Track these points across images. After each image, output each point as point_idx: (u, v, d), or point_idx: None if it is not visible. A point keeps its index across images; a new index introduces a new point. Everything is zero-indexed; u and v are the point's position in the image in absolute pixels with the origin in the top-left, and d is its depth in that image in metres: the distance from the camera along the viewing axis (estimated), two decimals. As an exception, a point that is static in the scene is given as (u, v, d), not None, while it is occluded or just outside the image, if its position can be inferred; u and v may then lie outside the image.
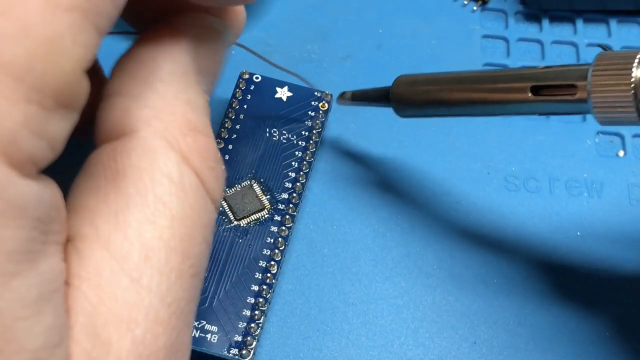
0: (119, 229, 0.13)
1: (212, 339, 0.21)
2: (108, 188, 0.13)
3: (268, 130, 0.25)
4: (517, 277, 0.24)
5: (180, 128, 0.14)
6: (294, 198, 0.24)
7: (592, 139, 0.27)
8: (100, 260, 0.12)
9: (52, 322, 0.11)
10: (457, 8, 0.30)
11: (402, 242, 0.24)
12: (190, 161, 0.14)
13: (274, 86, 0.26)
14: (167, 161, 0.13)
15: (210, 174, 0.14)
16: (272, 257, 0.22)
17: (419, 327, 0.23)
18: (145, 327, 0.12)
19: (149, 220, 0.13)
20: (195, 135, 0.14)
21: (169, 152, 0.13)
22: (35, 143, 0.10)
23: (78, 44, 0.10)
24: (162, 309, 0.13)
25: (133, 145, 0.13)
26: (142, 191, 0.13)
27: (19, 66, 0.10)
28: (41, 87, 0.10)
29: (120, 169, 0.13)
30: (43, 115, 0.10)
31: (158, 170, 0.13)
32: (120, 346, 0.12)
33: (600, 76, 0.17)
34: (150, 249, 0.13)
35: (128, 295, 0.12)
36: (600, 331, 0.23)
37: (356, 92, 0.24)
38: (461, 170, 0.26)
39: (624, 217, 0.25)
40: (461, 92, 0.20)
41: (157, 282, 0.13)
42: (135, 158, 0.13)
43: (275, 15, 0.29)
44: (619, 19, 0.30)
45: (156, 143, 0.13)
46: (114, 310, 0.12)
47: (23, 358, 0.10)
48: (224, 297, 0.22)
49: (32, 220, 0.10)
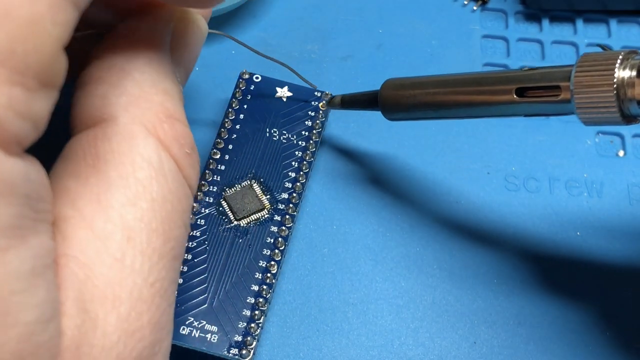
0: (101, 211, 0.13)
1: (212, 338, 0.21)
2: (89, 172, 0.13)
3: (268, 130, 0.25)
4: (517, 277, 0.24)
5: (157, 115, 0.14)
6: (294, 198, 0.24)
7: (592, 139, 0.27)
8: (85, 240, 0.12)
9: (45, 296, 0.11)
10: (457, 8, 0.30)
11: (402, 242, 0.24)
12: (168, 147, 0.14)
13: (274, 86, 0.25)
14: (146, 146, 0.14)
15: (187, 160, 0.14)
16: (272, 257, 0.22)
17: (419, 327, 0.23)
18: (130, 304, 0.13)
19: (130, 202, 0.13)
20: (172, 123, 0.14)
21: (147, 137, 0.14)
22: (19, 124, 0.10)
23: (57, 23, 0.11)
24: (145, 288, 0.13)
25: (113, 131, 0.14)
26: (123, 175, 0.13)
27: (1, 50, 0.10)
28: (23, 69, 0.10)
29: (100, 153, 0.13)
30: (26, 96, 0.10)
31: (138, 154, 0.13)
32: (106, 322, 0.12)
33: (583, 77, 0.17)
34: (132, 230, 0.13)
35: (112, 274, 0.12)
36: (601, 331, 0.23)
37: (345, 96, 0.24)
38: (461, 170, 0.26)
39: (624, 217, 0.25)
40: (447, 95, 0.21)
41: (139, 262, 0.13)
42: (115, 143, 0.13)
43: (275, 15, 0.29)
44: (619, 19, 0.30)
45: (135, 129, 0.14)
46: (100, 288, 0.12)
47: (18, 331, 0.10)
48: (224, 297, 0.22)
49: (21, 196, 0.11)
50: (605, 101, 0.17)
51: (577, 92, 0.17)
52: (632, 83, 0.16)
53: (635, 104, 0.17)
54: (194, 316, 0.21)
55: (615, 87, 0.16)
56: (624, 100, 0.17)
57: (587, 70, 0.17)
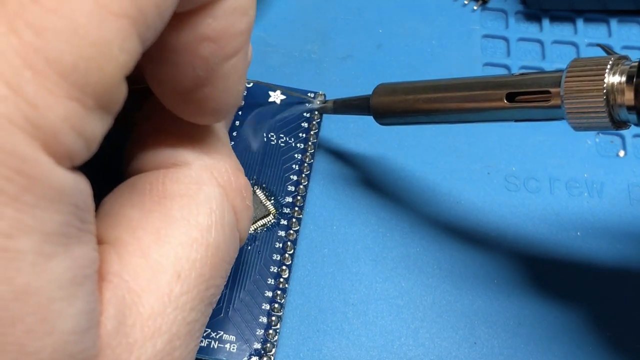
0: (159, 244, 0.13)
1: (232, 348, 0.21)
2: (154, 206, 0.14)
3: (265, 134, 0.25)
4: (517, 277, 0.24)
5: (226, 167, 0.15)
6: (298, 201, 0.23)
7: (592, 139, 0.27)
8: (138, 268, 0.13)
9: (82, 307, 0.11)
10: (457, 8, 0.30)
11: (402, 242, 0.24)
12: (232, 199, 0.15)
13: (266, 90, 0.25)
14: (212, 194, 0.14)
15: (245, 213, 0.15)
16: (282, 262, 0.22)
17: (419, 327, 0.23)
18: (167, 338, 0.13)
19: (187, 243, 0.14)
20: (238, 175, 0.15)
21: (215, 186, 0.15)
22: (73, 139, 0.11)
23: (124, 50, 0.11)
24: (182, 326, 0.13)
25: (184, 174, 0.14)
26: (186, 216, 0.14)
27: (66, 63, 0.10)
28: (84, 86, 0.10)
29: (168, 192, 0.14)
30: (83, 113, 0.10)
31: (203, 201, 0.14)
32: (142, 349, 0.13)
33: (573, 82, 0.17)
34: (183, 270, 0.14)
35: (157, 306, 0.13)
36: (601, 331, 0.23)
37: (337, 101, 0.24)
38: (461, 170, 0.26)
39: (624, 217, 0.25)
40: (438, 101, 0.21)
41: (183, 301, 0.13)
42: (184, 186, 0.14)
43: (275, 15, 0.29)
44: (619, 19, 0.30)
45: (205, 176, 0.14)
46: (144, 316, 0.13)
47: (54, 339, 0.11)
48: (239, 306, 0.22)
49: (69, 205, 0.11)
50: (595, 107, 0.17)
51: (567, 98, 0.17)
52: (622, 89, 0.16)
53: (625, 110, 0.17)
54: (211, 327, 0.21)
55: (605, 93, 0.16)
56: (614, 105, 0.17)
57: (577, 76, 0.17)
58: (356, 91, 0.27)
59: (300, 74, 0.28)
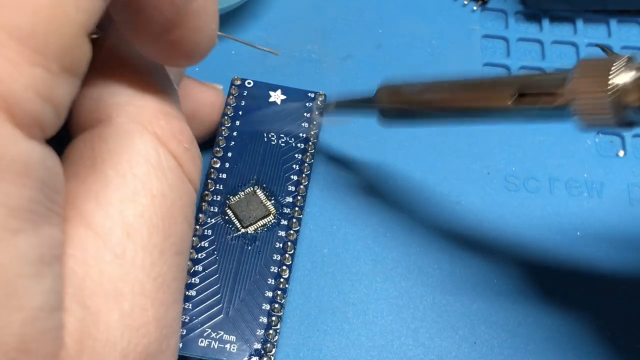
0: (100, 209, 0.13)
1: (232, 348, 0.21)
2: (87, 172, 0.13)
3: (265, 134, 0.25)
4: (517, 277, 0.24)
5: (153, 112, 0.14)
6: (298, 201, 0.24)
7: (592, 139, 0.27)
8: (85, 239, 0.12)
9: (51, 286, 0.11)
10: (457, 8, 0.30)
11: (402, 242, 0.24)
12: (165, 143, 0.14)
13: (267, 90, 0.25)
14: (143, 143, 0.14)
15: (186, 155, 0.14)
16: (282, 262, 0.22)
17: (419, 327, 0.23)
18: (133, 300, 0.12)
19: (129, 199, 0.13)
20: (168, 119, 0.14)
21: (144, 134, 0.14)
22: (40, 106, 0.10)
23: (81, 9, 0.11)
24: (148, 284, 0.13)
25: (109, 131, 0.14)
26: (120, 172, 0.13)
27: (23, 29, 0.10)
28: (44, 50, 0.10)
29: (97, 153, 0.13)
30: (47, 78, 0.10)
31: (135, 152, 0.13)
32: (109, 317, 0.12)
33: (580, 83, 0.17)
34: (131, 226, 0.13)
35: (113, 270, 0.12)
36: (601, 331, 0.23)
37: (340, 101, 0.24)
38: (461, 170, 0.26)
39: (624, 217, 0.25)
40: (442, 102, 0.20)
41: (141, 258, 0.13)
42: (111, 142, 0.13)
43: (275, 15, 0.29)
44: (619, 19, 0.30)
45: (131, 127, 0.14)
46: (101, 284, 0.12)
47: (23, 315, 0.10)
48: (239, 306, 0.22)
49: (36, 181, 0.11)
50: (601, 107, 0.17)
51: (574, 99, 0.17)
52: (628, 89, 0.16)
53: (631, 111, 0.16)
54: (211, 327, 0.21)
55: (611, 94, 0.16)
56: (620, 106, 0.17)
57: (583, 77, 0.17)
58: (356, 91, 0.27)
59: (300, 74, 0.28)
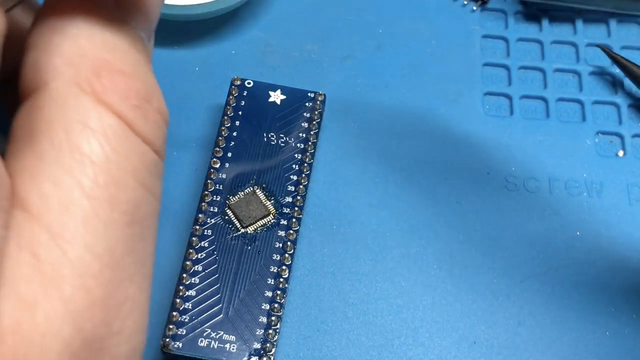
0: (35, 186, 0.12)
1: (232, 348, 0.21)
2: (25, 148, 0.12)
3: (265, 134, 0.25)
4: (517, 277, 0.24)
5: (93, 70, 0.12)
6: (298, 201, 0.24)
7: (591, 139, 0.27)
8: (21, 222, 0.11)
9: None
10: (457, 8, 0.30)
11: (402, 242, 0.24)
12: (107, 103, 0.12)
13: (266, 90, 0.25)
14: (79, 107, 0.12)
15: (136, 113, 0.13)
16: (282, 262, 0.22)
17: (419, 327, 0.23)
18: (74, 281, 0.11)
19: (65, 170, 0.12)
20: (111, 75, 0.13)
21: (80, 97, 0.12)
22: None
23: None
24: (91, 261, 0.12)
25: (44, 99, 0.12)
26: (55, 143, 0.12)
27: None
28: None
29: (34, 125, 0.12)
30: None
31: (70, 118, 0.12)
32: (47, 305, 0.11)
33: None
34: (69, 200, 0.12)
35: (49, 252, 0.11)
36: (601, 331, 0.23)
37: None
38: (461, 170, 0.26)
39: (624, 217, 0.25)
40: None
41: (81, 233, 0.12)
42: (46, 110, 0.12)
43: (275, 15, 0.29)
44: (619, 19, 0.30)
45: (66, 90, 0.12)
46: (37, 269, 0.11)
47: None
48: (239, 306, 0.22)
49: None
50: None
51: None
52: None
53: None
54: (211, 327, 0.21)
55: None
56: None
57: None
58: (356, 91, 0.27)
59: (300, 74, 0.28)
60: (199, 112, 0.27)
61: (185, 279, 0.22)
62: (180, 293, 0.22)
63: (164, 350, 0.21)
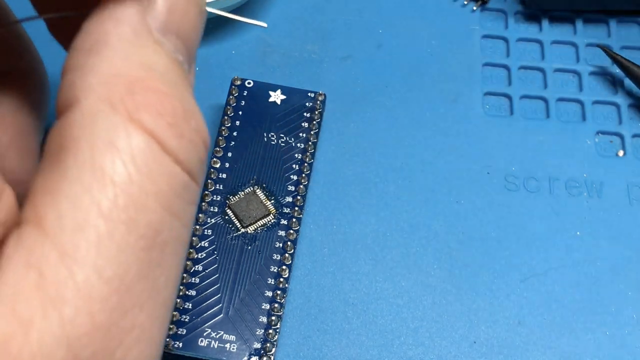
0: (52, 204, 0.11)
1: (232, 348, 0.21)
2: (51, 165, 0.12)
3: (265, 134, 0.25)
4: (517, 277, 0.24)
5: (127, 87, 0.12)
6: (298, 201, 0.24)
7: (591, 139, 0.27)
8: (34, 239, 0.11)
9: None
10: (457, 8, 0.30)
11: (402, 242, 0.24)
12: (138, 120, 0.12)
13: (267, 90, 0.25)
14: (108, 124, 0.12)
15: (169, 132, 0.12)
16: (282, 262, 0.22)
17: (419, 327, 0.23)
18: (76, 304, 0.11)
19: (85, 189, 0.11)
20: (145, 92, 0.12)
21: (110, 115, 0.12)
22: None
23: None
24: (99, 285, 0.11)
25: (74, 116, 0.12)
26: (79, 161, 0.11)
27: None
28: None
29: (62, 143, 0.12)
30: None
31: (97, 136, 0.12)
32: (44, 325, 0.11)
33: None
34: (84, 221, 0.11)
35: (56, 272, 0.11)
36: (601, 331, 0.23)
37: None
38: (461, 170, 0.26)
39: (624, 217, 0.25)
40: None
41: (92, 255, 0.11)
42: (75, 128, 0.12)
43: (275, 15, 0.29)
44: (619, 19, 0.30)
45: (97, 107, 0.12)
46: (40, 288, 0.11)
47: None
48: (239, 306, 0.22)
49: None
50: None
51: None
52: None
53: None
54: (211, 327, 0.21)
55: None
56: None
57: None
58: (356, 91, 0.27)
59: (300, 74, 0.28)
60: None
61: (186, 278, 0.22)
62: (181, 293, 0.22)
63: (164, 350, 0.21)
